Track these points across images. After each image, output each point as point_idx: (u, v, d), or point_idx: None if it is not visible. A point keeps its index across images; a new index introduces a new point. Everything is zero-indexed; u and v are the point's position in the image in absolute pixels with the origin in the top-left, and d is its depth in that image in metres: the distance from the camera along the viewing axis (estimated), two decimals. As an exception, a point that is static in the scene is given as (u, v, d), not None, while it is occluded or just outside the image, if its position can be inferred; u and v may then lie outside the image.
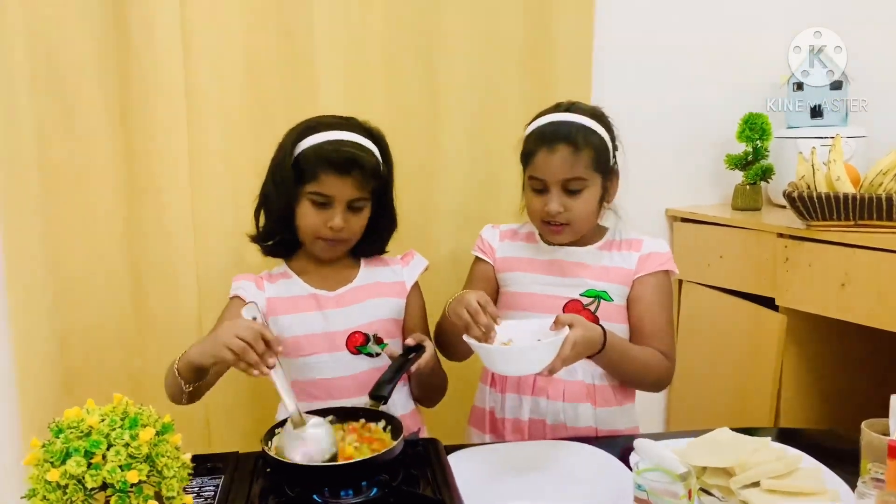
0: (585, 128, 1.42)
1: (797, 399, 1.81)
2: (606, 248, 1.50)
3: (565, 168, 1.39)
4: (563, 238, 1.47)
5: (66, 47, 1.64)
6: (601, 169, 1.43)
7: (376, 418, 1.20)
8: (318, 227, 1.37)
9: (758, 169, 2.01)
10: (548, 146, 1.40)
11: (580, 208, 1.42)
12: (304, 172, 1.36)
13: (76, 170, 1.68)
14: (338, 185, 1.35)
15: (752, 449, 1.18)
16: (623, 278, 1.47)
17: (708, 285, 2.00)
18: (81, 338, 1.73)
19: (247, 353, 1.12)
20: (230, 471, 1.17)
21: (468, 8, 1.84)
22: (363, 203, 1.39)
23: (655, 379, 1.46)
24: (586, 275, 1.47)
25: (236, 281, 1.45)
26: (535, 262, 1.52)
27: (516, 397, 1.49)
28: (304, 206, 1.38)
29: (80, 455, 0.85)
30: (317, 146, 1.36)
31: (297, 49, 1.75)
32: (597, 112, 1.48)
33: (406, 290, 1.49)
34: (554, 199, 1.41)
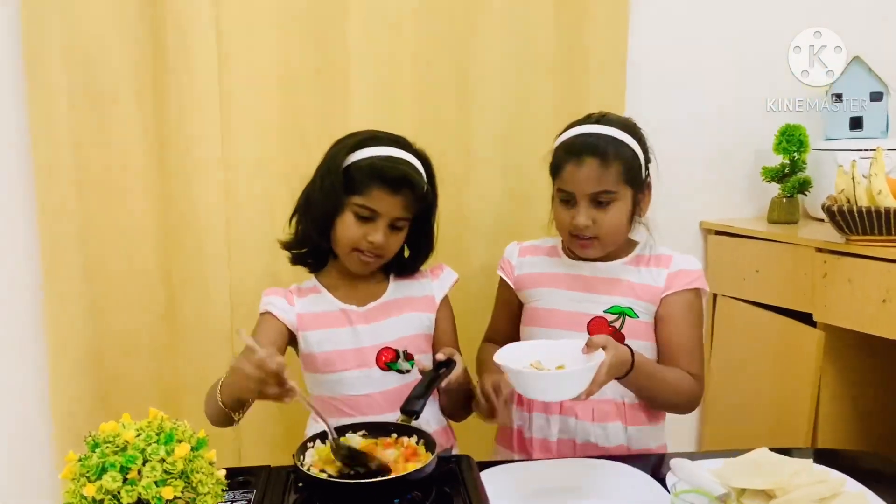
0: (615, 140, 1.39)
1: (835, 418, 1.76)
2: (634, 263, 1.46)
3: (593, 181, 1.37)
4: (591, 252, 1.44)
5: (104, 59, 1.66)
6: (632, 182, 1.40)
7: (408, 433, 1.19)
8: (357, 239, 1.36)
9: (795, 181, 1.97)
10: (576, 158, 1.38)
11: (609, 222, 1.39)
12: (353, 183, 1.35)
13: (112, 180, 1.70)
14: (386, 202, 1.34)
15: (793, 471, 1.15)
16: (651, 295, 1.43)
17: (743, 300, 1.96)
18: (115, 347, 1.75)
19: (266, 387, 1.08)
20: (262, 485, 1.16)
21: (501, 19, 1.83)
22: (404, 223, 1.39)
23: (685, 401, 1.42)
24: (611, 290, 1.44)
25: (266, 296, 1.45)
26: (558, 277, 1.49)
27: (543, 417, 1.47)
28: (346, 217, 1.37)
29: (116, 470, 0.85)
30: (371, 159, 1.35)
31: (330, 61, 1.76)
32: (628, 124, 1.45)
33: (435, 304, 1.48)
34: (582, 212, 1.39)
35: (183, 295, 1.75)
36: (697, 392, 1.41)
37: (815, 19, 1.93)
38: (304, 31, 1.74)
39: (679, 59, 2.00)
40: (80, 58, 1.65)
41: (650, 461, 1.32)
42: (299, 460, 1.12)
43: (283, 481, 1.16)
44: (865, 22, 2.03)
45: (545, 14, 1.85)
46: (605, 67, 1.89)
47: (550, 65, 1.87)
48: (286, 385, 1.07)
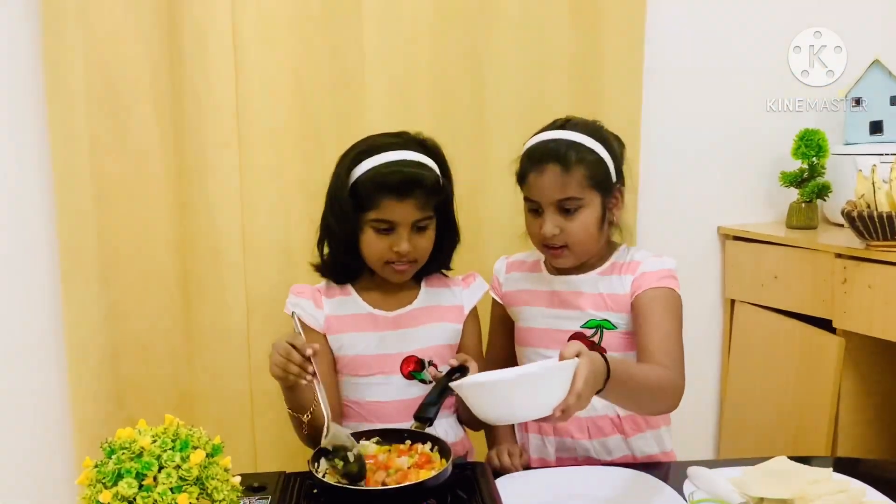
0: (577, 145, 1.35)
1: (855, 426, 1.74)
2: (608, 272, 1.42)
3: (556, 188, 1.34)
4: (564, 261, 1.40)
5: (122, 66, 1.67)
6: (598, 187, 1.36)
7: (422, 440, 1.19)
8: (384, 253, 1.34)
9: (814, 186, 1.95)
10: (538, 166, 1.35)
11: (577, 230, 1.35)
12: (363, 200, 1.32)
13: (129, 186, 1.71)
14: (399, 210, 1.31)
15: (813, 480, 1.14)
16: (621, 305, 1.39)
17: (761, 306, 1.94)
18: (133, 351, 1.76)
19: (287, 367, 1.19)
20: (276, 491, 1.16)
21: (517, 25, 1.83)
22: (428, 222, 1.35)
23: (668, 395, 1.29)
24: (586, 304, 1.41)
25: (294, 295, 1.42)
26: (538, 294, 1.47)
27: (539, 438, 1.46)
28: (367, 234, 1.34)
29: (132, 476, 0.85)
30: (372, 172, 1.32)
31: (346, 67, 1.76)
32: (594, 127, 1.41)
33: (464, 314, 1.45)
34: (548, 220, 1.35)
35: (199, 300, 1.75)
36: (676, 382, 1.29)
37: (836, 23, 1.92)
38: (320, 37, 1.74)
39: (696, 63, 1.99)
40: (98, 63, 1.66)
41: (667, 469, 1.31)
42: (314, 467, 1.12)
43: (297, 488, 1.16)
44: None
45: (561, 18, 1.85)
46: (622, 72, 1.88)
47: (566, 69, 1.86)
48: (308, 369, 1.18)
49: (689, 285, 2.00)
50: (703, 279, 2.07)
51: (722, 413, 2.11)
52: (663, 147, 1.98)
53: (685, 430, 1.78)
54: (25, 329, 1.74)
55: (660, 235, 1.97)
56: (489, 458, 1.38)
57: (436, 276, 1.47)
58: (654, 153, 1.96)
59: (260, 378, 1.79)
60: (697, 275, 2.06)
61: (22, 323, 1.73)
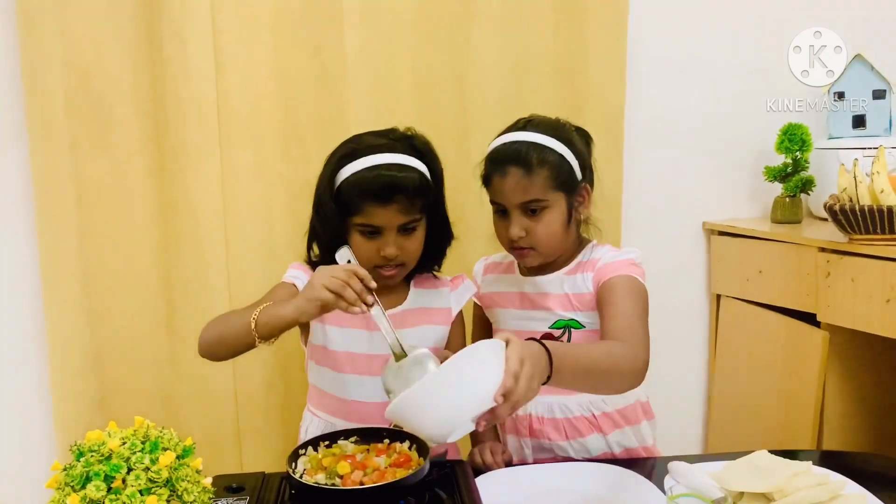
0: (538, 146, 1.34)
1: (840, 420, 1.74)
2: (574, 271, 1.40)
3: (520, 191, 1.33)
4: (531, 261, 1.40)
5: (101, 66, 1.67)
6: (562, 187, 1.35)
7: (400, 439, 1.18)
8: (372, 256, 1.32)
9: (798, 181, 1.95)
10: (500, 169, 1.35)
11: (542, 231, 1.34)
12: (347, 205, 1.30)
13: (110, 187, 1.71)
14: (383, 215, 1.29)
15: (793, 473, 1.14)
16: (585, 303, 1.38)
17: (746, 300, 1.94)
18: (115, 353, 1.75)
19: (345, 289, 1.13)
20: (255, 492, 1.15)
21: (499, 22, 1.82)
22: (415, 224, 1.33)
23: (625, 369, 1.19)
24: (553, 304, 1.40)
25: (294, 269, 1.40)
26: (509, 296, 1.46)
27: (515, 439, 1.45)
28: (355, 238, 1.32)
29: (100, 479, 0.84)
30: (355, 177, 1.29)
31: (328, 66, 1.76)
32: (556, 126, 1.40)
33: (452, 317, 1.43)
34: (514, 223, 1.35)
35: (182, 302, 1.75)
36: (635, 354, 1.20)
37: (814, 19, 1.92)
38: (301, 36, 1.74)
39: (680, 59, 2.00)
40: (77, 65, 1.65)
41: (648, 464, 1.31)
42: (291, 467, 1.11)
43: (276, 488, 1.15)
44: (865, 22, 2.01)
45: (544, 16, 1.85)
46: (605, 69, 1.88)
47: (549, 67, 1.86)
48: (368, 299, 1.15)
49: (674, 280, 2.04)
50: (689, 274, 2.08)
51: (709, 408, 2.11)
52: (648, 143, 1.98)
53: (672, 425, 1.78)
54: (6, 331, 1.73)
55: (645, 231, 1.98)
56: (471, 455, 1.37)
57: (425, 277, 1.45)
58: (638, 149, 1.96)
59: (244, 380, 1.79)
60: (683, 270, 2.07)
61: (3, 325, 1.73)
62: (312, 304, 1.15)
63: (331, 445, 1.18)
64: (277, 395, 1.80)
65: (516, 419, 1.45)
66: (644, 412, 1.47)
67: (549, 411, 1.42)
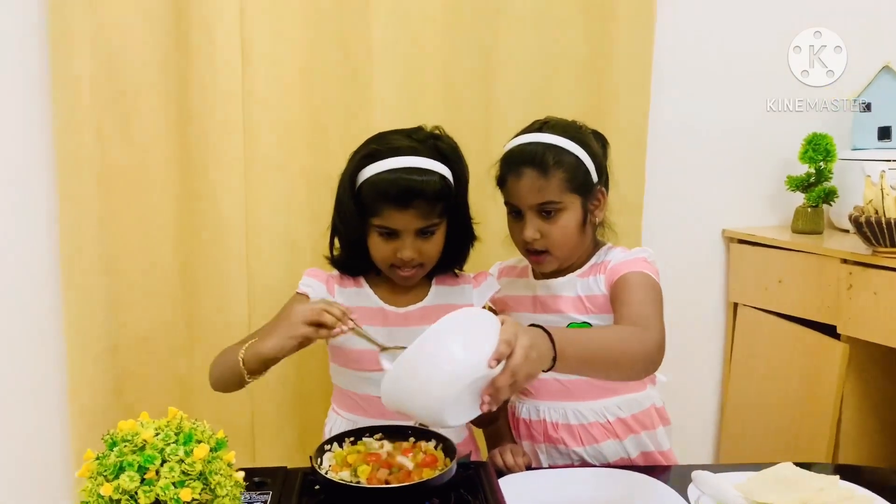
0: (555, 147, 1.33)
1: (858, 434, 1.73)
2: (587, 274, 1.39)
3: (535, 193, 1.32)
4: (546, 266, 1.39)
5: (128, 53, 1.66)
6: (578, 189, 1.34)
7: (426, 437, 1.17)
8: (389, 257, 1.32)
9: (820, 191, 1.94)
10: (515, 171, 1.34)
11: (557, 234, 1.33)
12: (366, 206, 1.30)
13: (133, 174, 1.70)
14: (400, 219, 1.28)
15: (819, 487, 1.13)
16: (599, 305, 1.36)
17: (765, 310, 1.94)
18: (132, 342, 1.74)
19: (322, 315, 1.14)
20: (278, 486, 1.15)
21: (527, 22, 1.81)
22: (434, 227, 1.32)
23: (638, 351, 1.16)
24: (566, 307, 1.39)
25: (308, 276, 1.41)
26: (521, 300, 1.45)
27: (530, 446, 1.44)
28: (373, 238, 1.32)
29: (134, 470, 0.83)
30: (374, 179, 1.29)
31: (354, 60, 1.74)
32: (572, 128, 1.39)
33: None
34: (529, 225, 1.34)
35: (201, 292, 1.74)
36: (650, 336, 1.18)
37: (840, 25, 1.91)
38: (328, 29, 1.73)
39: (705, 66, 1.98)
40: (104, 51, 1.64)
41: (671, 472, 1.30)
42: (317, 463, 1.10)
43: (299, 483, 1.15)
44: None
45: (571, 17, 1.83)
46: (630, 72, 1.87)
47: (575, 68, 1.85)
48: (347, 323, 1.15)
49: (692, 288, 2.03)
50: (707, 282, 2.07)
51: (722, 417, 2.10)
52: (669, 148, 1.97)
53: (685, 432, 1.77)
54: (25, 318, 1.72)
55: (664, 238, 1.96)
56: (491, 457, 1.37)
57: (447, 274, 1.45)
58: (660, 155, 1.95)
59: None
60: (701, 277, 2.06)
61: (22, 312, 1.72)
62: (291, 340, 1.17)
63: (356, 442, 1.17)
64: (292, 389, 1.80)
65: (530, 425, 1.44)
66: (660, 417, 1.46)
67: (563, 417, 1.41)
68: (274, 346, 1.18)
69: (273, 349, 1.18)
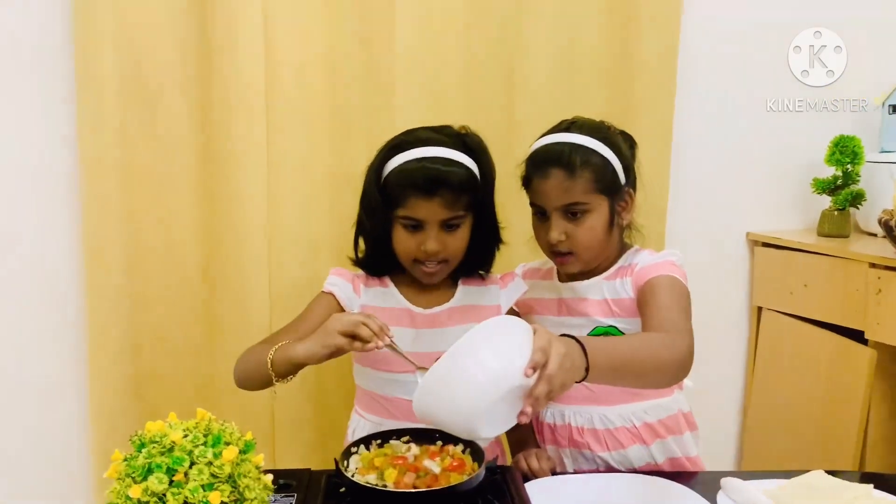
0: (582, 147, 1.31)
1: (885, 441, 1.70)
2: (613, 276, 1.37)
3: (561, 193, 1.30)
4: (571, 267, 1.37)
5: (152, 52, 1.65)
6: (605, 190, 1.32)
7: (454, 441, 1.16)
8: (413, 251, 1.31)
9: (847, 194, 1.91)
10: (541, 171, 1.32)
11: (583, 235, 1.32)
12: (391, 196, 1.30)
13: (156, 174, 1.69)
14: (426, 208, 1.28)
15: (853, 496, 1.11)
16: (626, 308, 1.35)
17: (790, 314, 1.91)
18: (152, 340, 1.74)
19: (360, 328, 1.13)
20: (302, 488, 1.14)
21: (551, 20, 1.79)
22: (459, 221, 1.31)
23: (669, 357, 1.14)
24: (592, 311, 1.37)
25: (334, 275, 1.40)
26: (546, 303, 1.44)
27: (555, 450, 1.43)
28: (397, 231, 1.32)
29: (162, 472, 0.83)
30: (400, 168, 1.29)
31: (377, 58, 1.73)
32: (600, 128, 1.37)
33: (501, 314, 1.40)
34: (554, 226, 1.32)
35: (222, 292, 1.73)
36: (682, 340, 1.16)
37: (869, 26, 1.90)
38: (351, 28, 1.72)
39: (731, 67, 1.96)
40: (128, 49, 1.64)
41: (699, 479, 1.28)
42: (343, 465, 1.09)
43: (323, 486, 1.14)
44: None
45: (595, 15, 1.81)
46: (655, 72, 1.85)
47: (599, 67, 1.83)
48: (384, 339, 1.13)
49: (715, 291, 2.01)
50: (730, 285, 2.04)
51: (745, 422, 2.07)
52: (695, 150, 1.95)
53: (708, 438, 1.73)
54: (46, 316, 1.72)
55: (688, 240, 1.94)
56: (516, 461, 1.35)
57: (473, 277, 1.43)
58: (684, 156, 1.92)
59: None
60: (724, 281, 2.04)
61: (44, 308, 1.72)
62: (325, 349, 1.16)
63: (382, 445, 1.16)
64: (312, 389, 1.79)
65: (555, 429, 1.42)
66: (687, 423, 1.44)
67: (588, 422, 1.39)
68: (305, 352, 1.17)
69: (303, 355, 1.17)
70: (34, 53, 1.65)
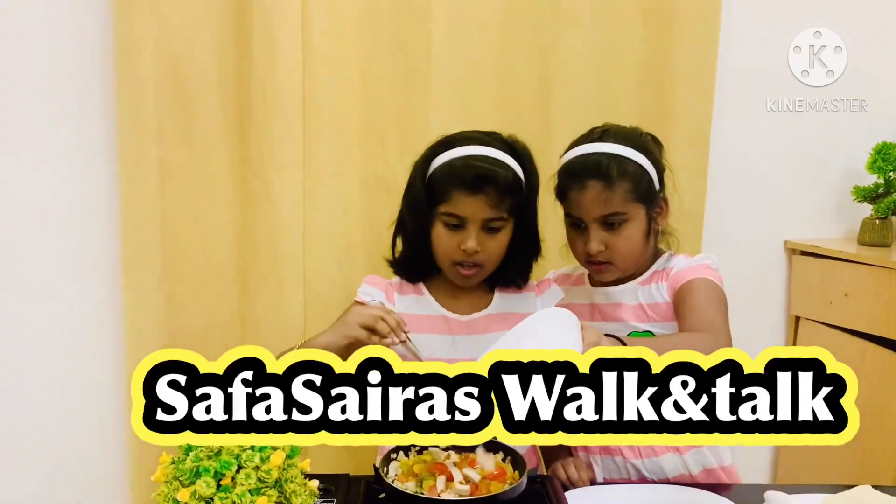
0: (618, 157, 1.30)
1: (928, 455, 1.67)
2: (648, 281, 1.37)
3: (599, 204, 1.29)
4: (608, 276, 1.36)
5: (191, 56, 1.67)
6: (642, 199, 1.31)
7: (493, 450, 1.15)
8: (452, 250, 1.30)
9: (889, 202, 1.88)
10: (578, 183, 1.30)
11: (622, 245, 1.31)
12: (436, 192, 1.29)
13: (193, 175, 1.71)
14: (470, 205, 1.27)
15: (902, 513, 1.08)
16: (662, 313, 1.34)
17: (829, 324, 1.88)
18: (188, 341, 1.74)
19: (378, 323, 1.16)
20: (341, 494, 1.13)
21: (587, 25, 1.79)
22: (500, 223, 1.30)
23: None
24: (627, 316, 1.36)
25: (367, 284, 1.40)
26: (578, 308, 1.40)
27: (585, 456, 1.41)
28: (437, 229, 1.31)
29: (210, 475, 0.83)
30: (448, 163, 1.29)
31: (413, 64, 1.74)
32: (633, 136, 1.36)
33: None
34: (593, 237, 1.31)
35: (257, 293, 1.74)
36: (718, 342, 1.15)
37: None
38: (388, 34, 1.72)
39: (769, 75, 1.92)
40: (167, 53, 1.65)
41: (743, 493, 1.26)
42: (384, 471, 1.09)
43: (362, 492, 1.13)
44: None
45: (632, 19, 1.80)
46: (694, 81, 1.83)
47: (637, 73, 1.82)
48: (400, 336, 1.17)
49: (752, 300, 1.98)
50: (768, 294, 2.02)
51: (781, 433, 2.04)
52: (731, 156, 1.92)
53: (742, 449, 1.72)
54: (85, 315, 1.74)
55: (724, 248, 1.91)
56: (554, 470, 1.34)
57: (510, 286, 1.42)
58: (721, 162, 1.90)
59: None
60: (761, 290, 2.01)
61: (82, 309, 1.74)
62: (343, 339, 1.19)
63: (422, 452, 1.15)
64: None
65: None
66: None
67: None
68: (325, 340, 1.20)
69: (323, 342, 1.19)
70: (76, 57, 1.67)
